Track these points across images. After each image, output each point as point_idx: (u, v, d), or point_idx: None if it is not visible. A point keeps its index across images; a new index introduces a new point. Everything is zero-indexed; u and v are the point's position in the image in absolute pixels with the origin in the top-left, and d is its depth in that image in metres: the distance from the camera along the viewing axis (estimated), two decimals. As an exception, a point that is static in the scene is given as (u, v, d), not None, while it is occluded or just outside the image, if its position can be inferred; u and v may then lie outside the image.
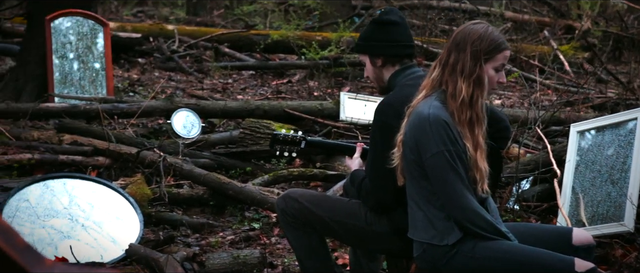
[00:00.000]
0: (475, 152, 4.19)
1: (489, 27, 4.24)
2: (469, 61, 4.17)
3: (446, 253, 4.23)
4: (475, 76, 4.17)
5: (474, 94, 4.18)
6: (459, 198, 4.14)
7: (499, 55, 4.22)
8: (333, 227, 4.80)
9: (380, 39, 4.75)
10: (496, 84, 4.29)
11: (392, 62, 4.77)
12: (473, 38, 4.18)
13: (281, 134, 5.14)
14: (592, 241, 4.45)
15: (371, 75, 4.85)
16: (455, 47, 4.22)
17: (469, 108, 4.18)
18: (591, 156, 6.31)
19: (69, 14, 9.55)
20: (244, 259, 5.72)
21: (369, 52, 4.80)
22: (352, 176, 4.87)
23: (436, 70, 4.27)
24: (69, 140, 7.67)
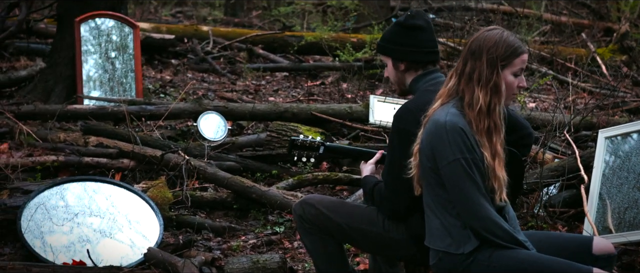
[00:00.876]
0: (493, 161, 4.12)
1: (504, 33, 4.16)
2: (485, 69, 4.11)
3: (462, 261, 4.16)
4: (492, 84, 4.10)
5: (492, 102, 4.11)
6: (475, 207, 4.08)
7: (517, 60, 4.14)
8: (350, 233, 4.74)
9: (405, 44, 4.68)
10: (517, 88, 4.22)
11: (416, 68, 4.71)
12: (488, 45, 4.11)
13: (299, 139, 5.07)
14: (612, 250, 4.35)
15: (392, 77, 4.79)
16: (471, 56, 4.15)
17: (487, 116, 4.11)
18: (619, 162, 6.19)
19: (99, 16, 9.54)
20: (264, 264, 5.65)
21: (393, 56, 4.73)
22: (362, 182, 4.81)
23: (452, 80, 4.21)
24: (95, 142, 7.66)
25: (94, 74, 9.53)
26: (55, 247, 5.69)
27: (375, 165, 4.89)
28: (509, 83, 4.16)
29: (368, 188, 4.73)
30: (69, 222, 5.87)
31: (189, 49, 13.36)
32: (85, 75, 9.45)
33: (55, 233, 5.79)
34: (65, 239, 5.77)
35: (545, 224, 6.41)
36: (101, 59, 9.59)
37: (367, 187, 4.75)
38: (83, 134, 7.84)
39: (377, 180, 4.72)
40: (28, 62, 11.27)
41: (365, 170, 4.87)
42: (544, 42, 14.38)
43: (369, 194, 4.71)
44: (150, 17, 18.53)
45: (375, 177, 4.79)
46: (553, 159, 7.20)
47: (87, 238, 5.82)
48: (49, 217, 5.86)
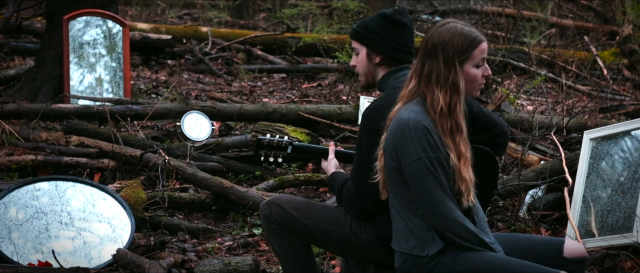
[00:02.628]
0: (458, 162, 4.02)
1: (458, 26, 4.05)
2: (442, 68, 4.01)
3: (427, 264, 4.06)
4: (451, 83, 4.01)
5: (452, 102, 4.01)
6: (439, 207, 3.97)
7: (475, 52, 4.04)
8: (317, 235, 4.66)
9: (387, 38, 4.55)
10: (482, 78, 4.12)
11: (390, 64, 4.59)
12: (443, 43, 4.01)
13: (266, 139, 4.95)
14: (584, 254, 4.27)
15: (362, 68, 4.65)
16: (427, 56, 4.05)
17: (449, 117, 4.01)
18: (603, 164, 6.06)
19: (88, 14, 9.46)
20: (236, 266, 5.55)
21: (370, 46, 4.59)
22: (330, 180, 4.70)
23: (413, 81, 4.10)
24: (76, 141, 7.58)
25: (82, 73, 9.44)
26: (23, 247, 5.60)
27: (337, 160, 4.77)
28: (472, 76, 4.07)
29: (336, 187, 4.61)
30: (38, 221, 5.77)
31: (187, 50, 13.28)
32: (73, 74, 9.36)
33: (23, 233, 5.69)
34: (33, 239, 5.67)
35: (529, 227, 6.30)
36: (90, 58, 9.51)
37: (334, 185, 4.64)
38: (65, 133, 7.76)
39: (345, 178, 4.62)
40: (22, 62, 11.21)
41: (330, 167, 4.77)
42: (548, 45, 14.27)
43: (337, 193, 4.60)
44: (156, 19, 18.49)
45: (342, 173, 4.68)
46: (539, 161, 7.08)
47: (57, 238, 5.72)
48: (17, 217, 5.76)
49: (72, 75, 9.41)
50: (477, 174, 4.51)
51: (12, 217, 5.75)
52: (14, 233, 5.66)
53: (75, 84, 9.43)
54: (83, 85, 9.44)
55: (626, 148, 5.98)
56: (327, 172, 4.77)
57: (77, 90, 9.38)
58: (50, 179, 6.06)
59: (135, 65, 12.31)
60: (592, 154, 6.17)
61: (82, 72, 9.45)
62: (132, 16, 18.68)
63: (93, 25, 9.57)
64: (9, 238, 5.63)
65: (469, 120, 4.62)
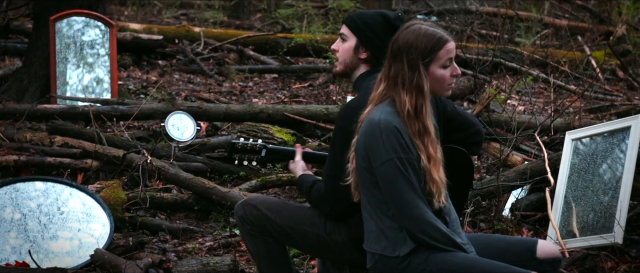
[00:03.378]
0: (428, 164, 4.02)
1: (422, 27, 4.04)
2: (407, 71, 4.00)
3: (398, 264, 4.06)
4: (415, 85, 4.00)
5: (418, 104, 4.00)
6: (410, 208, 3.97)
7: (441, 52, 4.03)
8: (292, 235, 4.63)
9: (380, 39, 4.48)
10: (451, 78, 4.11)
11: (373, 63, 4.55)
12: (407, 45, 4.01)
13: (240, 143, 4.93)
14: (557, 254, 4.27)
15: (345, 56, 4.58)
16: (393, 59, 4.05)
17: (416, 119, 4.01)
18: (584, 165, 6.05)
19: (75, 15, 9.44)
20: (214, 266, 5.53)
21: (362, 40, 4.52)
22: (298, 182, 4.68)
23: (382, 84, 4.09)
24: (61, 142, 7.56)
25: (69, 73, 9.42)
26: (1, 247, 5.58)
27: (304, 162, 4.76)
28: (439, 76, 4.06)
29: (305, 188, 4.59)
30: (16, 221, 5.75)
31: (179, 50, 13.26)
32: (60, 75, 9.34)
33: (1, 233, 5.67)
34: (12, 239, 5.66)
35: (511, 227, 6.28)
36: (76, 58, 9.49)
37: (304, 186, 4.62)
38: (49, 133, 7.73)
39: (314, 179, 4.60)
40: (12, 62, 11.20)
41: (297, 168, 4.75)
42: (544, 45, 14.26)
43: (307, 194, 4.58)
44: (152, 19, 18.48)
45: (310, 175, 4.67)
46: (523, 161, 7.05)
47: (34, 238, 5.71)
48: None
49: (71, 75, 9.40)
50: (451, 174, 4.51)
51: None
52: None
53: (75, 83, 9.42)
54: (70, 85, 9.41)
55: (607, 148, 5.96)
56: (295, 174, 4.75)
57: (77, 90, 9.37)
58: (30, 180, 6.05)
59: (126, 65, 12.31)
60: (573, 154, 6.16)
61: (68, 72, 9.43)
62: (128, 16, 18.65)
63: (92, 25, 9.56)
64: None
65: (443, 120, 4.62)
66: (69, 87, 9.41)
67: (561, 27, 15.51)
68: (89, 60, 9.55)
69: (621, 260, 5.69)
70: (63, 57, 9.42)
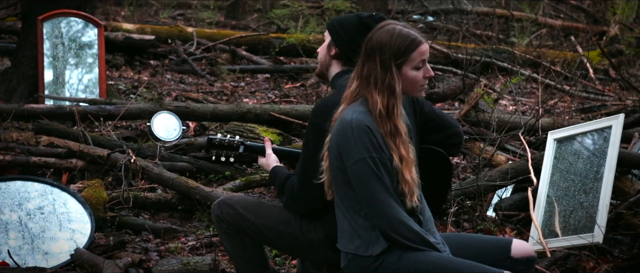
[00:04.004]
0: (400, 164, 4.01)
1: (396, 28, 4.03)
2: (379, 71, 4.00)
3: (371, 264, 4.05)
4: (387, 85, 4.00)
5: (389, 104, 4.00)
6: (382, 207, 3.96)
7: (414, 54, 4.03)
8: (268, 234, 4.63)
9: (349, 35, 4.51)
10: (423, 80, 4.10)
11: (344, 61, 4.56)
12: (380, 46, 4.00)
13: (217, 139, 4.93)
14: (531, 254, 4.28)
15: (322, 56, 4.63)
16: (366, 58, 4.05)
17: (388, 120, 4.00)
18: (566, 164, 6.04)
19: (63, 15, 9.44)
20: (195, 266, 5.54)
21: (333, 38, 4.56)
22: (271, 174, 4.66)
23: (354, 83, 4.09)
24: (46, 141, 7.55)
25: (57, 73, 9.41)
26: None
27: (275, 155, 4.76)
28: (412, 78, 4.05)
29: (278, 182, 4.58)
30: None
31: (171, 50, 13.26)
32: (48, 75, 9.33)
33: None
34: None
35: (495, 227, 6.28)
36: (64, 58, 9.48)
37: (276, 180, 4.60)
38: (35, 133, 7.73)
39: (287, 174, 4.58)
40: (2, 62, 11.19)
41: (269, 161, 4.73)
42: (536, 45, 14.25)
43: (280, 188, 4.56)
44: (149, 20, 18.46)
45: (283, 167, 4.67)
46: (507, 161, 7.05)
47: (15, 237, 5.70)
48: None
49: (60, 75, 9.40)
50: (429, 175, 4.52)
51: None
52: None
53: (74, 83, 9.43)
54: (59, 85, 9.41)
55: (589, 148, 5.96)
56: (266, 167, 4.74)
57: (66, 90, 9.37)
58: (10, 179, 6.05)
59: (118, 65, 12.32)
60: (556, 154, 6.16)
61: (57, 72, 9.42)
62: (124, 17, 18.65)
63: (82, 25, 9.56)
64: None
65: (420, 121, 4.62)
66: (59, 87, 9.40)
67: (554, 27, 15.50)
68: (78, 60, 9.54)
69: (603, 260, 5.68)
70: (52, 57, 9.41)
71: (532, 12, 16.60)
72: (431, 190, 4.77)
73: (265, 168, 4.79)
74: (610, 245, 5.94)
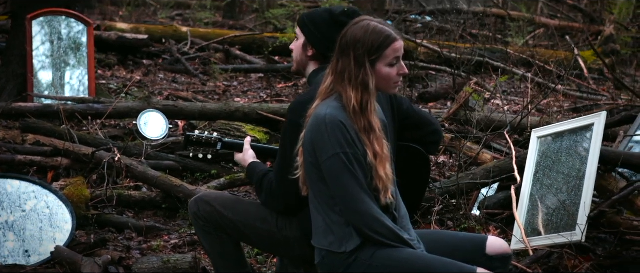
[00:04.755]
0: (374, 160, 4.00)
1: (371, 24, 4.02)
2: (353, 67, 3.99)
3: (344, 260, 4.04)
4: (361, 81, 3.99)
5: (363, 100, 3.99)
6: (355, 203, 3.95)
7: (388, 51, 4.01)
8: (245, 231, 4.62)
9: (324, 35, 4.53)
10: (397, 77, 4.08)
11: (321, 60, 4.56)
12: (354, 42, 3.99)
13: (195, 135, 4.92)
14: (507, 251, 4.25)
15: (296, 54, 4.65)
16: (341, 54, 4.04)
17: (362, 116, 4.00)
18: (550, 162, 6.02)
19: (52, 13, 9.43)
20: (175, 264, 5.54)
21: (308, 38, 4.57)
22: (248, 170, 4.65)
23: (329, 79, 4.08)
24: (33, 140, 7.55)
25: (46, 72, 9.40)
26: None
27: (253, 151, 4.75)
28: (385, 74, 4.03)
29: (256, 179, 4.57)
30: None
31: (165, 50, 13.25)
32: (38, 73, 9.32)
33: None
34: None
35: (479, 226, 6.26)
36: (54, 57, 9.47)
37: (254, 176, 4.59)
38: (22, 132, 7.73)
39: (266, 170, 4.57)
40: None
41: (247, 157, 4.73)
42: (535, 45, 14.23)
43: (258, 184, 4.55)
44: (147, 20, 18.45)
45: (261, 163, 4.66)
46: (492, 160, 7.02)
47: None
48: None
49: (50, 74, 9.39)
50: (407, 173, 4.51)
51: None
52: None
53: (75, 83, 9.42)
54: (48, 83, 9.40)
55: (572, 146, 5.94)
56: (244, 163, 4.73)
57: (56, 88, 9.35)
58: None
59: (111, 65, 12.32)
60: (539, 152, 6.13)
61: (46, 70, 9.41)
62: (122, 17, 18.64)
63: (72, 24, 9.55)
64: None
65: (398, 118, 4.60)
66: (48, 85, 9.39)
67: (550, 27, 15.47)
68: (68, 59, 9.53)
69: (585, 259, 5.66)
70: (42, 56, 9.40)
71: (528, 12, 16.57)
72: (409, 188, 4.76)
73: (242, 165, 4.78)
74: (594, 243, 5.92)
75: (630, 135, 6.94)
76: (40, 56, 9.42)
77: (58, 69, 9.50)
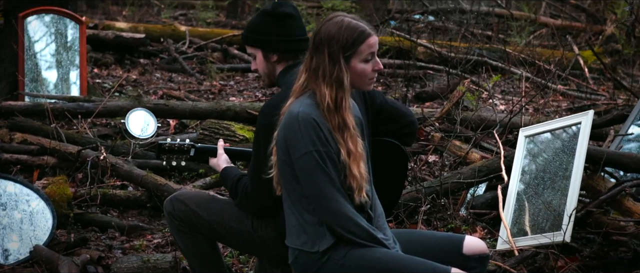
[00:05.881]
0: (348, 158, 3.94)
1: (344, 20, 3.97)
2: (327, 64, 3.93)
3: (317, 260, 3.99)
4: (335, 78, 3.93)
5: (338, 97, 3.94)
6: (328, 202, 3.90)
7: (363, 47, 3.96)
8: (220, 231, 4.58)
9: (276, 34, 4.49)
10: (372, 73, 4.03)
11: (287, 58, 4.51)
12: (328, 38, 3.94)
13: (167, 143, 4.86)
14: (484, 251, 4.20)
15: (262, 70, 4.60)
16: (315, 50, 3.98)
17: (336, 113, 3.94)
18: (537, 162, 5.95)
19: (44, 12, 9.38)
20: (155, 263, 5.49)
21: (263, 47, 4.53)
22: (222, 175, 4.60)
23: (303, 76, 4.03)
24: (20, 138, 7.51)
25: (38, 70, 9.36)
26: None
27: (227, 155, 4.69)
28: (360, 71, 3.98)
29: (230, 183, 4.52)
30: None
31: (163, 49, 13.21)
32: (31, 72, 9.28)
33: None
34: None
35: (467, 226, 6.20)
36: (46, 56, 9.43)
37: (228, 181, 4.54)
38: (10, 130, 7.69)
39: (240, 174, 4.52)
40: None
41: (220, 162, 4.68)
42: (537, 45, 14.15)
43: (232, 189, 4.49)
44: (150, 19, 18.43)
45: (235, 168, 4.61)
46: (481, 159, 6.95)
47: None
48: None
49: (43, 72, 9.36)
50: (384, 167, 4.44)
51: None
52: None
53: (47, 80, 9.38)
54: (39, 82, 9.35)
55: (558, 145, 5.87)
56: (218, 168, 4.68)
57: (49, 87, 9.32)
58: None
59: (108, 64, 12.28)
60: (526, 151, 6.07)
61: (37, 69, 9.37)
62: (125, 16, 18.62)
63: (49, 22, 9.50)
64: None
65: (371, 112, 4.54)
66: (41, 84, 9.34)
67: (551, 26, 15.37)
68: (60, 57, 9.49)
69: (571, 259, 5.60)
70: (34, 54, 9.36)
71: (530, 12, 16.48)
72: (386, 184, 4.72)
73: (216, 169, 4.73)
74: (582, 244, 5.85)
75: (621, 134, 6.88)
76: (33, 55, 9.37)
77: (50, 67, 9.45)
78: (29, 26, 9.37)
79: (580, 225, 5.71)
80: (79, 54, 9.49)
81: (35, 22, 9.41)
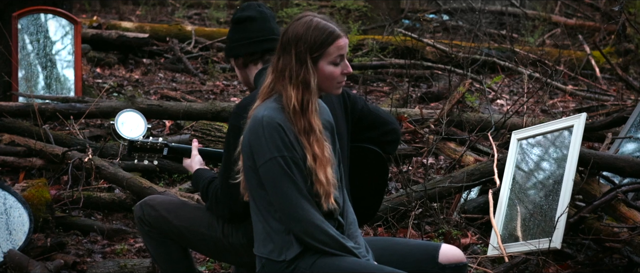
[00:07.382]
0: (314, 163, 3.79)
1: (313, 20, 3.83)
2: (294, 65, 3.80)
3: (284, 269, 3.86)
4: (302, 79, 3.80)
5: (304, 100, 3.80)
6: (294, 209, 3.77)
7: (331, 48, 3.83)
8: (190, 237, 4.47)
9: (236, 39, 4.47)
10: (341, 76, 3.89)
11: (254, 61, 4.46)
12: (296, 38, 3.81)
13: (139, 141, 4.74)
14: (461, 259, 4.06)
15: (242, 76, 4.58)
16: (282, 51, 3.85)
17: (302, 116, 3.80)
18: (529, 165, 5.78)
19: (39, 11, 9.27)
20: (131, 269, 5.39)
21: (229, 54, 4.53)
22: (194, 177, 4.48)
23: (270, 77, 3.90)
24: (8, 139, 7.40)
25: (32, 71, 9.26)
26: None
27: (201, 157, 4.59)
28: (328, 73, 3.84)
29: (201, 185, 4.39)
30: None
31: (168, 49, 13.09)
32: (26, 72, 9.18)
33: None
34: None
35: (459, 230, 6.03)
36: (40, 56, 9.33)
37: (200, 183, 4.41)
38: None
39: (211, 176, 4.41)
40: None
41: (193, 163, 4.57)
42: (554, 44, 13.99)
43: (203, 191, 4.36)
44: (163, 19, 18.35)
45: (207, 170, 4.50)
46: (475, 161, 6.78)
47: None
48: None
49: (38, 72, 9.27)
50: (364, 175, 4.30)
51: None
52: None
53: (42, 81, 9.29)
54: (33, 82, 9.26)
55: (550, 149, 5.71)
56: (190, 169, 4.58)
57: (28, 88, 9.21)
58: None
59: (111, 63, 12.19)
60: (519, 155, 5.91)
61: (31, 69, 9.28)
62: (138, 16, 18.55)
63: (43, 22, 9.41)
64: None
65: (351, 118, 4.41)
66: (36, 84, 9.25)
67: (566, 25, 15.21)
68: (55, 58, 9.39)
69: (563, 265, 5.45)
70: (28, 54, 9.26)
71: (544, 11, 16.30)
72: (366, 191, 4.59)
73: (189, 170, 4.60)
74: (576, 249, 5.68)
75: (620, 137, 6.70)
76: (27, 55, 9.27)
77: (44, 68, 9.35)
78: (23, 26, 9.26)
79: (574, 231, 5.54)
80: (73, 54, 9.36)
81: (29, 22, 9.30)
